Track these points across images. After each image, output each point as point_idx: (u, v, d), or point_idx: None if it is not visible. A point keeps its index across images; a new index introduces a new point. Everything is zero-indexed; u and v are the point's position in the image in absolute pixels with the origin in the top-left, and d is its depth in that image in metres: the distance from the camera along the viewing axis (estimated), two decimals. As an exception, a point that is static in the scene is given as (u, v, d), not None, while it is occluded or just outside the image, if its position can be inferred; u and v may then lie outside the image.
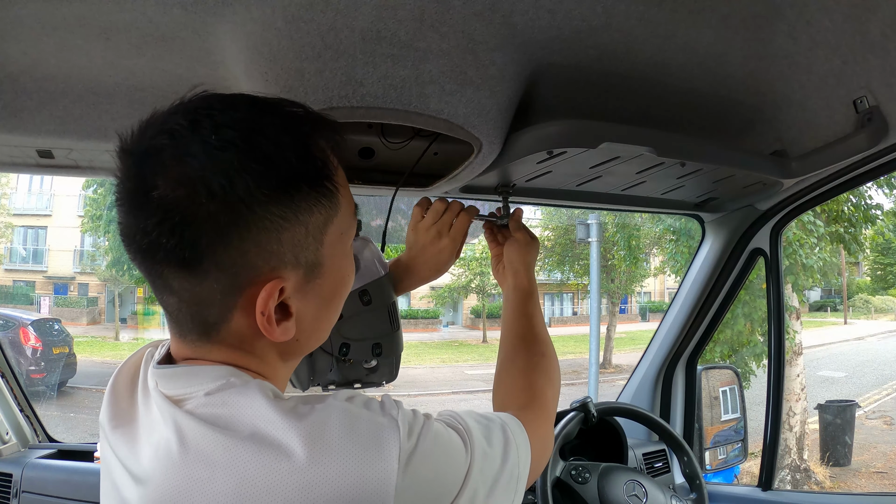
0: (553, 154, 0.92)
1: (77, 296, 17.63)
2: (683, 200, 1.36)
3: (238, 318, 0.55)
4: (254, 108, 0.55)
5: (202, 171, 0.51)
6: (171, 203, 0.51)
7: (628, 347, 15.04)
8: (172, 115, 0.55)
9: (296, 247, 0.55)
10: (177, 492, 0.51)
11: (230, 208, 0.51)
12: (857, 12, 0.86)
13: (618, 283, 13.53)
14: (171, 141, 0.52)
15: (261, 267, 0.54)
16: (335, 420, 0.52)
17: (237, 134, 0.52)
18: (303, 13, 0.74)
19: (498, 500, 0.61)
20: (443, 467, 0.56)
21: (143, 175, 0.52)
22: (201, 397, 0.54)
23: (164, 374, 0.57)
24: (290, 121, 0.56)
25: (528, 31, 0.82)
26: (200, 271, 0.52)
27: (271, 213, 0.53)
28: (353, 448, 0.51)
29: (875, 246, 16.05)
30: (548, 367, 0.86)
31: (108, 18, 0.75)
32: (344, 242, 0.62)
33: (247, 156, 0.52)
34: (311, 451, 0.50)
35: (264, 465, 0.50)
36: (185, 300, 0.54)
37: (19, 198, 17.33)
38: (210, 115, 0.53)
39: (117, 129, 0.92)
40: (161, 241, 0.51)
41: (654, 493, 1.22)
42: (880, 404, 9.43)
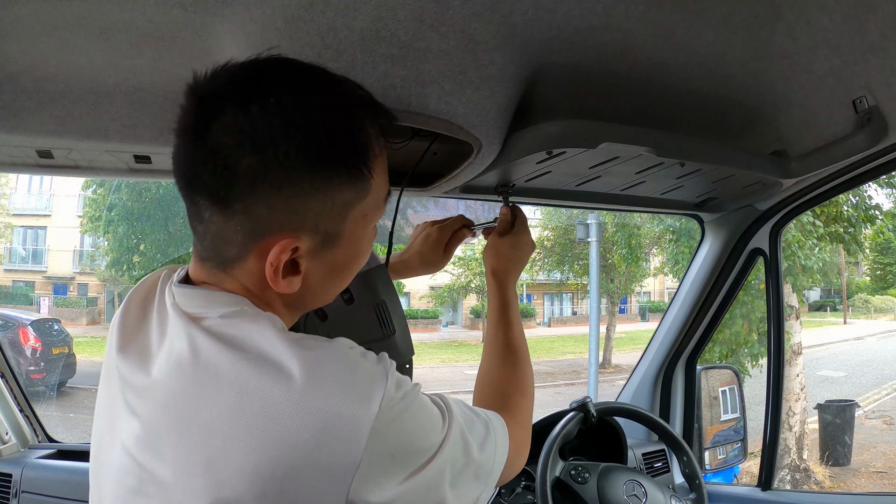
0: (552, 154, 0.92)
1: (77, 296, 17.62)
2: (683, 200, 1.36)
3: (252, 261, 0.60)
4: (317, 81, 0.60)
5: (252, 128, 0.56)
6: (218, 147, 0.56)
7: (628, 347, 15.04)
8: (243, 68, 0.59)
9: (318, 216, 0.60)
10: (185, 394, 0.57)
11: (268, 167, 0.56)
12: (857, 12, 0.86)
13: (617, 283, 13.53)
14: (234, 92, 0.57)
15: (282, 224, 0.59)
16: (335, 359, 0.58)
17: (293, 102, 0.57)
18: (302, 13, 0.74)
19: (467, 486, 0.65)
20: (417, 430, 0.60)
21: (202, 115, 0.57)
22: (216, 318, 0.60)
23: (184, 293, 0.63)
24: (345, 101, 0.61)
25: (528, 31, 0.82)
26: (229, 211, 0.58)
27: (304, 181, 0.58)
28: (344, 385, 0.56)
29: (875, 246, 16.05)
30: (519, 377, 0.87)
31: (107, 18, 0.75)
32: (366, 223, 0.66)
33: (296, 126, 0.56)
34: (307, 379, 0.55)
35: (265, 382, 0.55)
36: (211, 231, 0.60)
37: (19, 198, 17.32)
38: (276, 79, 0.58)
39: (117, 129, 0.93)
40: (202, 176, 0.57)
41: (654, 492, 1.22)
42: (880, 404, 9.43)
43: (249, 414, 0.55)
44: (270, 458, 0.54)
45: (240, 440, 0.54)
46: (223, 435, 0.55)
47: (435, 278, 16.23)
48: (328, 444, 0.54)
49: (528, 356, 0.90)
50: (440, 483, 0.61)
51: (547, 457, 1.20)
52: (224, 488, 0.54)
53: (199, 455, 0.55)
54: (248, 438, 0.54)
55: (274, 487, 0.54)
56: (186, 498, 0.55)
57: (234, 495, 0.54)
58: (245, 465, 0.54)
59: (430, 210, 1.88)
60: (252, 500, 0.54)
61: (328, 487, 0.55)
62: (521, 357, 0.89)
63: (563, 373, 13.22)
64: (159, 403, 0.59)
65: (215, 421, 0.56)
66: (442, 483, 0.62)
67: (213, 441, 0.55)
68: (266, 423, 0.54)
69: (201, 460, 0.55)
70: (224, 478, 0.54)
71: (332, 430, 0.54)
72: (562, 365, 14.17)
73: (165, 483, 0.57)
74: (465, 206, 1.54)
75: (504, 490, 1.29)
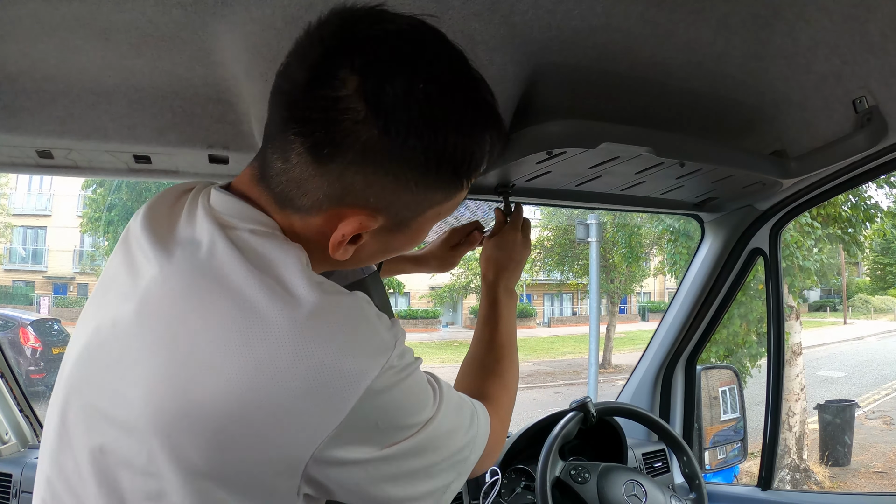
0: (552, 154, 0.92)
1: (77, 296, 17.60)
2: (683, 200, 1.36)
3: (319, 219, 0.58)
4: (464, 77, 0.57)
5: (377, 102, 0.52)
6: (347, 106, 0.52)
7: (628, 347, 15.04)
8: (393, 32, 0.54)
9: (403, 206, 0.59)
10: (185, 293, 0.55)
11: (388, 152, 0.54)
12: (857, 12, 0.86)
13: (617, 283, 13.53)
14: (373, 55, 0.53)
15: (369, 202, 0.57)
16: (351, 310, 0.56)
17: (439, 96, 0.54)
18: (302, 13, 0.74)
19: (440, 470, 0.63)
20: (407, 404, 0.58)
21: (330, 58, 0.53)
22: (246, 231, 0.57)
23: (222, 198, 0.60)
24: (480, 113, 0.58)
25: (528, 31, 0.82)
26: (323, 168, 0.55)
27: (411, 176, 0.56)
28: (351, 339, 0.54)
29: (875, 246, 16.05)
30: (502, 372, 0.85)
31: (107, 19, 0.75)
32: (435, 220, 0.66)
33: (432, 127, 0.54)
34: (317, 320, 0.53)
35: (274, 304, 0.53)
36: (292, 175, 0.56)
37: (19, 198, 17.31)
38: (418, 61, 0.54)
39: (117, 129, 0.93)
40: (313, 122, 0.53)
41: (654, 492, 1.22)
42: (880, 404, 9.43)
43: (245, 333, 0.52)
44: (249, 387, 0.51)
45: (223, 356, 0.52)
46: (207, 345, 0.53)
47: (435, 278, 16.24)
48: (316, 393, 0.52)
49: (514, 356, 0.88)
50: (414, 462, 0.60)
51: (547, 457, 1.20)
52: (186, 407, 0.52)
53: (173, 362, 0.53)
54: (233, 358, 0.52)
55: (239, 416, 0.51)
56: (143, 405, 0.53)
57: (195, 415, 0.52)
58: (218, 385, 0.51)
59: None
60: (211, 424, 0.51)
61: (296, 438, 0.53)
62: (505, 354, 0.87)
63: (563, 373, 13.22)
64: (154, 296, 0.56)
65: (204, 330, 0.53)
66: (415, 462, 0.60)
67: (194, 350, 0.53)
68: (261, 347, 0.52)
69: (173, 368, 0.53)
70: (191, 396, 0.52)
71: (324, 381, 0.52)
72: (562, 365, 14.16)
73: (129, 377, 0.55)
74: (465, 205, 1.54)
75: (504, 490, 1.29)
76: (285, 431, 0.52)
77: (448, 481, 0.64)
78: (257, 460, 0.53)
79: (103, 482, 0.55)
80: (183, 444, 0.52)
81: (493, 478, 1.29)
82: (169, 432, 0.53)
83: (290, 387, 0.52)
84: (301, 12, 0.75)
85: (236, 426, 0.52)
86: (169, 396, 0.53)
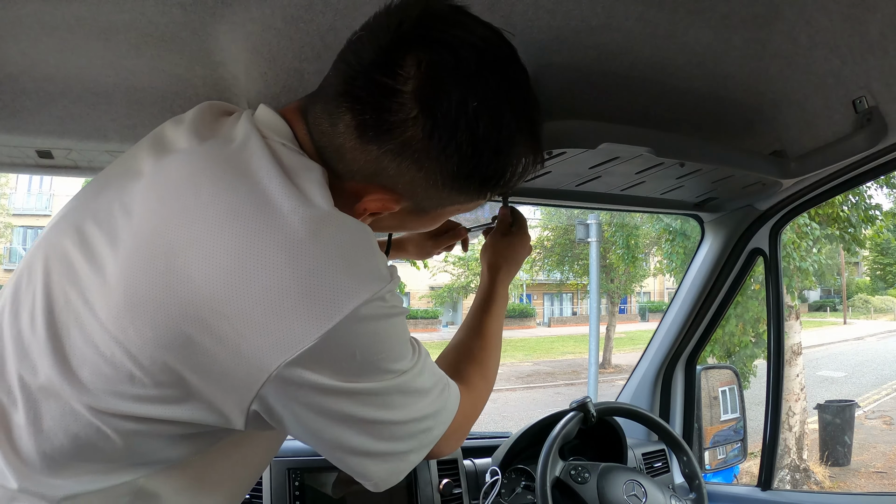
0: (552, 154, 0.92)
1: (76, 296, 17.60)
2: (683, 200, 1.36)
3: (348, 183, 0.61)
4: (508, 105, 0.58)
5: (430, 108, 0.54)
6: (391, 93, 0.54)
7: (628, 347, 15.05)
8: (466, 43, 0.56)
9: (426, 198, 0.62)
10: (209, 164, 0.57)
11: (426, 152, 0.56)
12: (856, 12, 0.86)
13: (617, 283, 13.53)
14: (439, 61, 0.55)
15: (397, 187, 0.60)
16: (358, 232, 0.57)
17: (473, 115, 0.55)
18: (302, 13, 0.74)
19: (403, 433, 0.61)
20: (390, 344, 0.58)
21: (399, 48, 0.55)
22: (279, 144, 0.59)
23: (268, 113, 0.62)
24: (520, 136, 0.60)
25: (527, 31, 0.82)
26: (363, 146, 0.57)
27: (435, 174, 0.58)
28: (353, 255, 0.55)
29: (875, 246, 16.05)
30: (484, 360, 0.83)
31: (107, 19, 0.75)
32: (452, 214, 0.71)
33: (463, 137, 0.56)
34: (325, 227, 0.54)
35: (289, 201, 0.54)
36: (334, 140, 0.59)
37: (19, 198, 17.33)
38: (479, 80, 0.56)
39: (116, 129, 0.93)
40: (363, 101, 0.56)
41: (654, 492, 1.22)
42: (880, 404, 9.43)
43: (253, 219, 0.53)
44: (242, 271, 0.52)
45: (225, 235, 0.53)
46: (212, 219, 0.53)
47: (435, 278, 16.22)
48: (304, 298, 0.52)
49: (497, 350, 0.87)
50: (377, 411, 0.58)
51: (547, 457, 1.19)
52: (172, 275, 0.52)
53: (170, 226, 0.54)
54: (234, 239, 0.52)
55: (223, 299, 0.51)
56: (128, 259, 0.54)
57: (178, 286, 0.52)
58: (212, 261, 0.52)
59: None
60: (193, 300, 0.52)
61: (269, 342, 0.52)
62: (490, 345, 0.86)
63: (562, 373, 13.22)
64: (173, 163, 0.59)
65: (213, 203, 0.54)
66: (379, 412, 0.58)
67: (197, 221, 0.54)
68: (264, 236, 0.52)
69: (169, 232, 0.54)
70: (181, 266, 0.52)
71: (316, 288, 0.52)
72: (562, 365, 14.17)
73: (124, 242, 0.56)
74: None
75: (504, 490, 1.29)
76: (262, 331, 0.52)
77: (406, 449, 0.62)
78: (225, 355, 0.53)
79: (53, 336, 0.56)
80: (157, 313, 0.53)
81: (494, 478, 1.29)
82: (149, 299, 0.53)
83: (281, 283, 0.52)
84: (301, 12, 0.75)
85: (216, 311, 0.52)
86: (159, 256, 0.54)
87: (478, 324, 0.88)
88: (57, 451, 0.56)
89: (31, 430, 0.56)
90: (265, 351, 0.52)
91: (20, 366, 0.57)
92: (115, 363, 0.54)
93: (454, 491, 1.32)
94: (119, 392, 0.54)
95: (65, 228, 0.61)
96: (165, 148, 0.62)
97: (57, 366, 0.55)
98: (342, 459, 0.61)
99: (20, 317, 0.59)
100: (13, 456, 0.56)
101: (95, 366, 0.54)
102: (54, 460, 0.56)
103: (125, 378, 0.54)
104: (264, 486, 1.19)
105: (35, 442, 0.56)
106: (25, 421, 0.56)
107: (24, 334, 0.58)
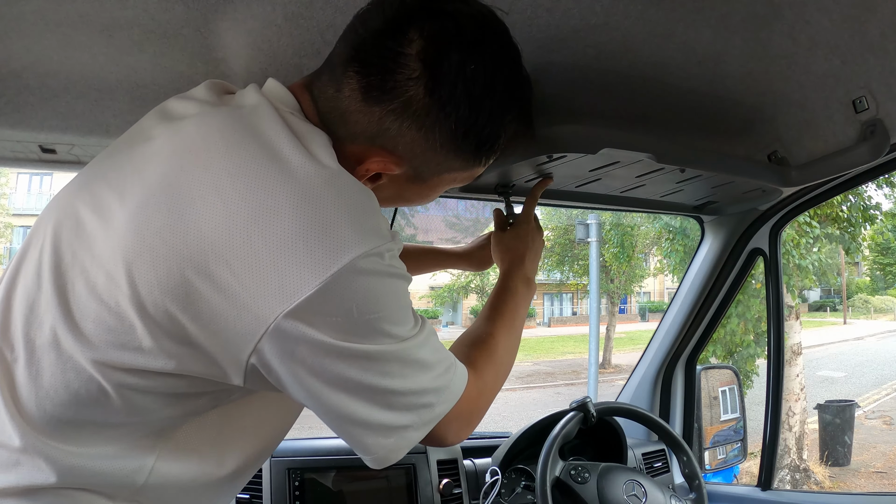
0: (552, 157, 0.93)
1: (77, 295, 17.60)
2: (682, 203, 1.36)
3: (349, 147, 0.64)
4: (502, 72, 0.63)
5: (432, 67, 0.58)
6: (397, 55, 0.58)
7: (628, 347, 15.04)
8: (465, 14, 0.60)
9: (426, 162, 0.66)
10: (221, 124, 0.60)
11: (426, 113, 0.60)
12: (856, 13, 0.86)
13: (617, 283, 13.52)
14: (442, 28, 0.59)
15: (397, 148, 0.63)
16: (363, 192, 0.60)
17: (471, 75, 0.60)
18: (303, 10, 0.75)
19: (403, 404, 0.61)
20: (389, 305, 0.58)
21: (406, 17, 0.59)
22: (288, 114, 0.62)
23: (275, 85, 0.66)
24: (511, 104, 0.65)
25: (527, 30, 0.83)
26: (367, 108, 0.61)
27: (434, 134, 0.62)
28: (355, 210, 0.57)
29: (874, 246, 16.04)
30: (494, 347, 0.80)
31: (110, 15, 0.76)
32: (449, 184, 0.73)
33: (472, 107, 0.61)
34: (332, 183, 0.57)
35: (298, 157, 0.57)
36: (339, 104, 0.62)
37: (19, 198, 17.33)
38: (476, 46, 0.60)
39: (119, 125, 0.93)
40: (368, 65, 0.59)
41: (654, 492, 1.22)
42: (880, 404, 9.43)
43: (264, 171, 0.55)
44: (248, 217, 0.54)
45: (235, 183, 0.55)
46: (220, 171, 0.56)
47: (435, 278, 16.23)
48: (305, 244, 0.53)
49: (511, 341, 0.84)
50: (375, 377, 0.58)
51: (547, 457, 1.19)
52: (181, 224, 0.54)
53: (182, 177, 0.57)
54: (243, 188, 0.55)
55: (227, 245, 0.53)
56: (137, 208, 0.56)
57: (186, 233, 0.54)
58: (218, 208, 0.54)
59: (431, 209, 1.89)
60: (200, 247, 0.54)
61: (270, 290, 0.53)
62: (503, 334, 0.83)
63: (563, 373, 13.22)
64: (185, 126, 0.61)
65: (225, 157, 0.57)
66: (377, 378, 0.58)
67: (205, 173, 0.56)
68: (272, 184, 0.55)
69: (182, 183, 0.56)
70: (190, 214, 0.55)
71: (317, 236, 0.54)
72: (562, 365, 14.16)
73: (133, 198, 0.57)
74: (465, 206, 1.54)
75: (504, 490, 1.30)
76: (262, 279, 0.53)
77: (405, 422, 0.61)
78: (225, 306, 0.54)
79: (59, 290, 0.57)
80: (162, 257, 0.54)
81: (493, 478, 1.29)
82: (154, 243, 0.55)
83: (283, 232, 0.53)
84: (301, 9, 0.75)
85: (219, 258, 0.53)
86: (167, 203, 0.56)
87: (489, 314, 0.87)
88: (58, 408, 0.57)
89: (33, 386, 0.57)
90: (264, 300, 0.53)
91: (26, 322, 0.58)
92: (118, 313, 0.55)
93: (454, 491, 1.32)
94: (121, 343, 0.56)
95: (75, 192, 0.63)
96: (176, 116, 0.65)
97: (62, 319, 0.56)
98: (341, 428, 0.61)
99: (27, 274, 0.61)
100: (17, 413, 0.58)
101: (99, 317, 0.56)
102: (57, 419, 0.58)
103: (127, 328, 0.55)
104: (264, 486, 1.19)
105: (36, 398, 0.57)
106: (27, 377, 0.58)
107: (29, 291, 0.59)
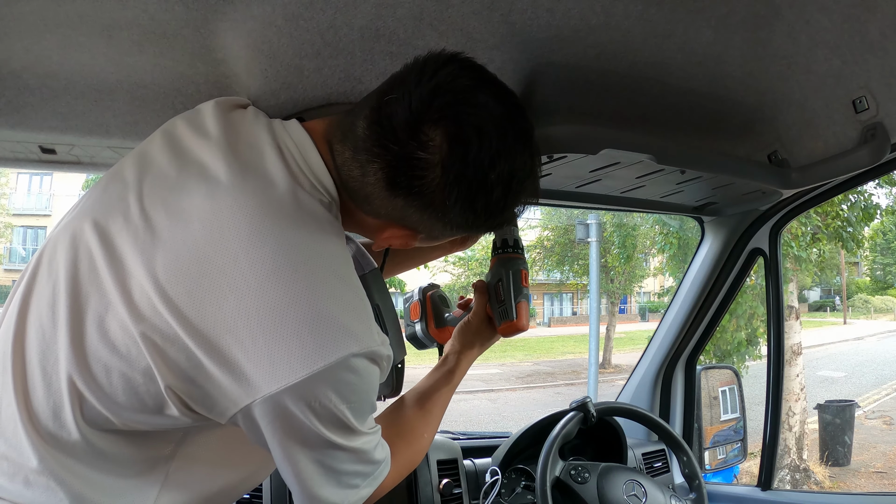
0: (553, 158, 0.93)
1: (77, 295, 17.57)
2: (683, 204, 1.36)
3: (369, 219, 0.70)
4: (517, 178, 0.66)
5: (453, 180, 0.62)
6: (420, 161, 0.61)
7: (628, 347, 15.03)
8: (486, 118, 0.62)
9: (439, 233, 0.71)
10: (251, 204, 0.62)
11: (438, 206, 0.64)
12: (857, 12, 0.86)
13: (617, 283, 13.51)
14: (465, 138, 0.61)
15: (415, 227, 0.69)
16: (366, 300, 0.67)
17: (490, 188, 0.63)
18: (302, 11, 0.75)
19: (351, 475, 0.68)
20: (366, 401, 0.66)
21: (430, 114, 0.60)
22: (315, 200, 0.66)
23: (293, 127, 0.69)
24: (522, 202, 0.70)
25: (527, 30, 0.83)
26: (391, 196, 0.64)
27: (451, 222, 0.67)
28: (363, 313, 0.65)
29: (875, 246, 16.04)
30: (419, 435, 0.87)
31: (109, 16, 0.76)
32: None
33: (478, 206, 0.65)
34: (346, 283, 0.65)
35: (313, 265, 0.62)
36: (364, 188, 0.66)
37: (19, 198, 17.32)
38: (497, 160, 0.63)
39: (119, 125, 0.93)
40: (394, 162, 0.62)
41: (654, 492, 1.23)
42: (880, 404, 9.42)
43: (281, 268, 0.60)
44: (264, 292, 0.59)
45: (252, 279, 0.59)
46: (248, 265, 0.59)
47: (435, 278, 16.24)
48: (313, 331, 0.59)
49: (437, 422, 0.91)
50: (338, 456, 0.65)
51: (547, 457, 1.20)
52: (200, 285, 0.59)
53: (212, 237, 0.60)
54: (261, 278, 0.59)
55: (238, 328, 0.58)
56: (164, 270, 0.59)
57: (204, 312, 0.58)
58: (240, 278, 0.59)
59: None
60: (217, 323, 0.58)
61: (266, 369, 0.58)
62: (432, 418, 0.89)
63: (563, 373, 13.21)
64: (218, 201, 0.62)
65: (253, 248, 0.60)
66: (338, 459, 0.66)
67: (233, 270, 0.59)
68: (301, 269, 0.60)
69: (209, 245, 0.60)
70: (211, 267, 0.59)
71: (326, 326, 0.60)
72: (562, 365, 14.16)
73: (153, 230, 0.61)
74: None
75: (504, 490, 1.30)
76: (266, 355, 0.58)
77: (337, 499, 0.68)
78: (223, 377, 0.58)
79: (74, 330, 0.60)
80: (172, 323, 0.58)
81: (494, 478, 1.29)
82: (170, 303, 0.58)
83: (296, 321, 0.58)
84: (301, 10, 0.75)
85: (232, 331, 0.58)
86: (192, 267, 0.59)
87: (423, 395, 0.91)
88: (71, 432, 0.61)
89: (48, 406, 0.61)
90: (260, 378, 0.58)
91: (41, 355, 0.61)
92: (131, 377, 0.60)
93: (454, 491, 1.32)
94: (123, 403, 0.61)
95: (91, 224, 0.64)
96: (199, 162, 0.66)
97: (76, 366, 0.60)
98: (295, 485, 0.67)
99: (39, 302, 0.63)
100: (36, 436, 0.60)
101: (109, 365, 0.60)
102: (72, 447, 0.61)
103: (132, 388, 0.60)
104: (264, 487, 1.20)
105: (53, 419, 0.61)
106: (44, 400, 0.61)
107: (44, 323, 0.62)
